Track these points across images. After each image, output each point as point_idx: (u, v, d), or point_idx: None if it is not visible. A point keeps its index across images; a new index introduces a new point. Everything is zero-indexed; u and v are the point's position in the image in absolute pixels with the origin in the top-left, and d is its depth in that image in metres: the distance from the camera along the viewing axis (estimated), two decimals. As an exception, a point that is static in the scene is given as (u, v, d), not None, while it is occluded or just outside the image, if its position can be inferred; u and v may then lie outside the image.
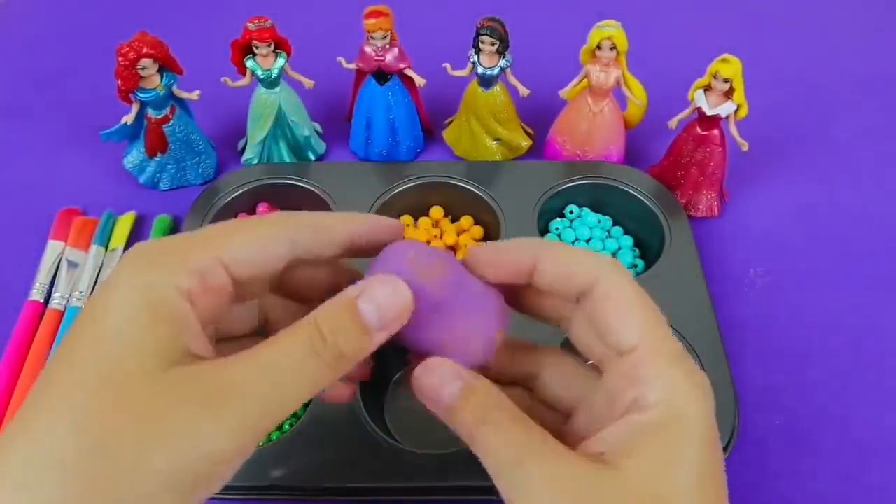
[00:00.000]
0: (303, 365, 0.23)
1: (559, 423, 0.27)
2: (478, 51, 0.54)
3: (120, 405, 0.21)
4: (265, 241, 0.25)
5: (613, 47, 0.52)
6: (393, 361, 0.48)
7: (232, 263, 0.24)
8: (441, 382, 0.25)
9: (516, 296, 0.28)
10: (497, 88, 0.57)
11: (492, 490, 0.41)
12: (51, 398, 0.21)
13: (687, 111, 0.54)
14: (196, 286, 0.23)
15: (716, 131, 0.53)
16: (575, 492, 0.22)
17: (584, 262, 0.26)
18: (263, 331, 0.29)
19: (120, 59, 0.51)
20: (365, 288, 0.24)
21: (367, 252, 0.28)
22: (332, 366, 0.23)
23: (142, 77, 0.52)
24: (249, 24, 0.53)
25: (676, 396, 0.23)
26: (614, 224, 0.56)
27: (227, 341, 0.28)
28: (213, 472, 0.22)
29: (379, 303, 0.24)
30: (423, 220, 0.56)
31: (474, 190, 0.55)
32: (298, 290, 0.28)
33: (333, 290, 0.25)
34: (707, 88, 0.52)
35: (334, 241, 0.27)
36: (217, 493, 0.25)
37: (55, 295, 0.51)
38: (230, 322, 0.28)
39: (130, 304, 0.22)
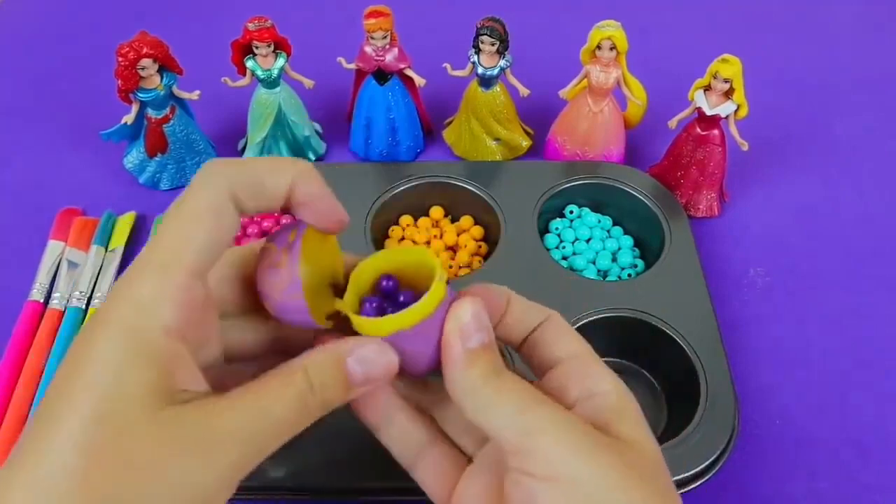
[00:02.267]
0: (292, 413, 0.24)
1: None
2: (478, 51, 0.54)
3: (115, 451, 0.21)
4: (216, 226, 0.24)
5: (613, 47, 0.52)
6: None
7: (202, 268, 0.24)
8: (474, 328, 0.26)
9: None
10: (497, 88, 0.57)
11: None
12: (50, 439, 0.21)
13: (687, 111, 0.54)
14: (182, 318, 0.23)
15: (716, 131, 0.53)
16: (586, 436, 0.25)
17: (539, 305, 0.30)
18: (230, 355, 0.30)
19: (120, 59, 0.51)
20: (355, 347, 0.26)
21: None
22: (315, 414, 0.25)
23: (142, 77, 0.52)
24: (249, 24, 0.53)
25: (618, 388, 0.28)
26: (614, 224, 0.56)
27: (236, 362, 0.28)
28: None
29: (367, 365, 0.26)
30: (423, 220, 0.56)
31: (474, 190, 0.55)
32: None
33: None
34: (707, 88, 0.52)
35: (275, 198, 0.26)
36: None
37: (55, 295, 0.51)
38: (235, 342, 0.28)
39: (120, 349, 0.22)
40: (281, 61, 0.55)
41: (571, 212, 0.55)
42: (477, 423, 0.26)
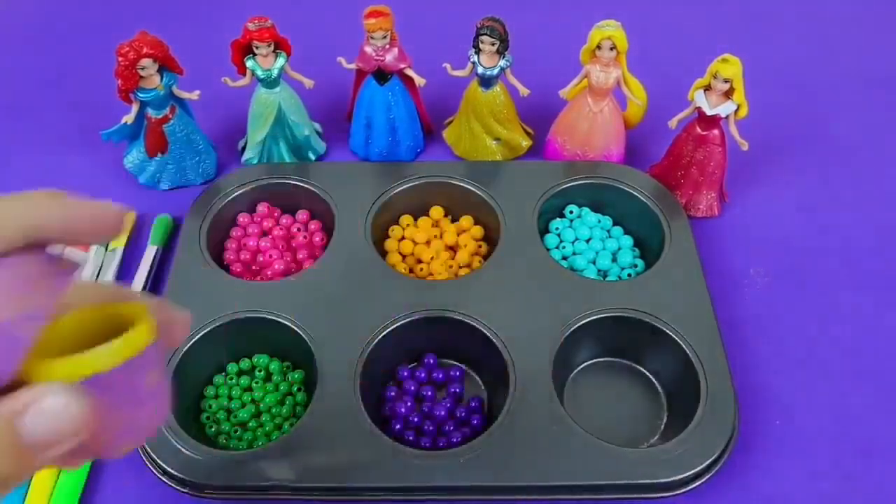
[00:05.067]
0: None
1: None
2: (478, 51, 0.54)
3: None
4: None
5: (613, 47, 0.52)
6: (393, 361, 0.48)
7: None
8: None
9: None
10: (497, 88, 0.57)
11: (490, 490, 0.41)
12: None
13: (687, 111, 0.54)
14: None
15: (716, 131, 0.53)
16: None
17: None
18: None
19: (120, 59, 0.51)
20: (34, 399, 0.20)
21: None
22: None
23: (142, 77, 0.52)
24: (249, 24, 0.53)
25: None
26: (614, 224, 0.56)
27: None
28: None
29: (49, 419, 0.20)
30: (423, 220, 0.56)
31: (474, 190, 0.55)
32: None
33: None
34: (707, 88, 0.52)
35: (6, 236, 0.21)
36: (218, 493, 0.25)
37: (55, 295, 0.51)
38: None
39: None
40: (281, 61, 0.55)
41: (571, 212, 0.55)
42: None
